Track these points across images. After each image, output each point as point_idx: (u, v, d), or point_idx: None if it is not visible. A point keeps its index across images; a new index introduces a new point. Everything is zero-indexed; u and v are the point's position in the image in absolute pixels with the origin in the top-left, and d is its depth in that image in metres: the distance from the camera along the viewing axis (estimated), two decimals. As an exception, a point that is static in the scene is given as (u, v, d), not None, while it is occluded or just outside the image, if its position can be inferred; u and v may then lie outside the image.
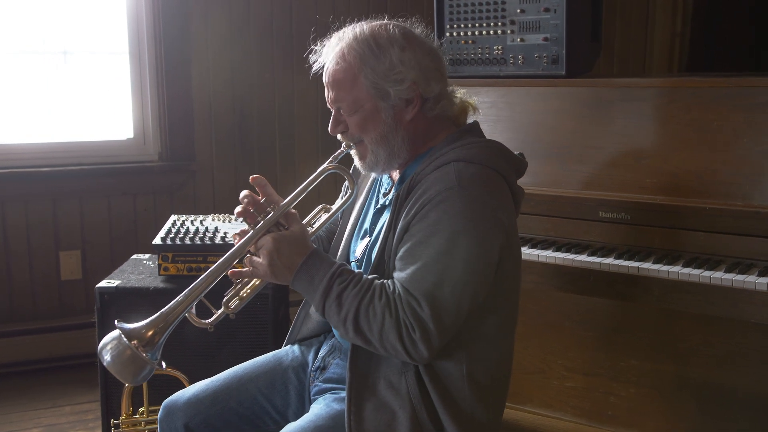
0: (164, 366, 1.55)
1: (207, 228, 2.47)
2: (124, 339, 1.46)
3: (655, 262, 1.95)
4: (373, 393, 1.56)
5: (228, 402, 1.74)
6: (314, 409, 1.65)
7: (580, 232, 2.14)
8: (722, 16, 4.40)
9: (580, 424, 2.33)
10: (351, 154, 1.66)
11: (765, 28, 4.41)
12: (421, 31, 1.64)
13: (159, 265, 2.38)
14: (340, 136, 1.65)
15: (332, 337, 1.80)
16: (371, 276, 1.53)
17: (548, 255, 2.09)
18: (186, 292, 1.53)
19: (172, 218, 2.61)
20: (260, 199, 1.58)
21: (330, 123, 1.64)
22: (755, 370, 2.04)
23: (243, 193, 1.56)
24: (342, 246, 1.77)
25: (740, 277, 1.82)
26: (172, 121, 3.52)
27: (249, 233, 1.55)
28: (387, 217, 1.62)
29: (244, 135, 3.68)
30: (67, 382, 3.25)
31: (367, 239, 1.70)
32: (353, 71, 1.56)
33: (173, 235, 2.41)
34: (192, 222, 2.56)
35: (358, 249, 1.71)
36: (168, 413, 1.75)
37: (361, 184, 1.82)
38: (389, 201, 1.66)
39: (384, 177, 1.75)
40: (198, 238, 2.38)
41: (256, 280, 1.64)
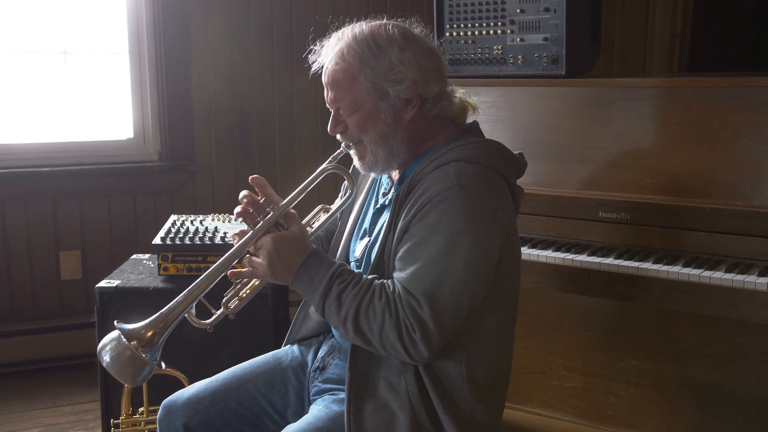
0: (164, 366, 1.55)
1: (207, 228, 2.47)
2: (124, 340, 1.46)
3: (655, 262, 1.95)
4: (372, 394, 1.56)
5: (227, 402, 1.74)
6: (313, 411, 1.65)
7: (580, 232, 2.14)
8: (722, 16, 4.39)
9: (580, 425, 2.32)
10: (350, 154, 1.66)
11: (765, 27, 4.40)
12: (420, 31, 1.63)
13: (159, 265, 2.38)
14: (339, 136, 1.65)
15: (332, 337, 1.80)
16: (371, 276, 1.53)
17: (548, 255, 2.09)
18: (185, 293, 1.53)
19: (171, 218, 2.61)
20: (260, 199, 1.58)
21: (329, 123, 1.64)
22: (755, 370, 2.04)
23: (242, 194, 1.56)
24: (341, 246, 1.77)
25: (740, 277, 1.82)
26: (172, 121, 3.52)
27: (248, 233, 1.55)
28: (386, 217, 1.62)
29: (244, 135, 3.68)
30: (67, 382, 3.25)
31: (366, 239, 1.70)
32: (353, 71, 1.56)
33: (173, 235, 2.41)
34: (192, 222, 2.56)
35: (358, 249, 1.71)
36: (167, 413, 1.75)
37: (360, 184, 1.82)
38: (389, 201, 1.66)
39: (383, 177, 1.75)
40: (198, 238, 2.38)
41: (255, 281, 1.64)
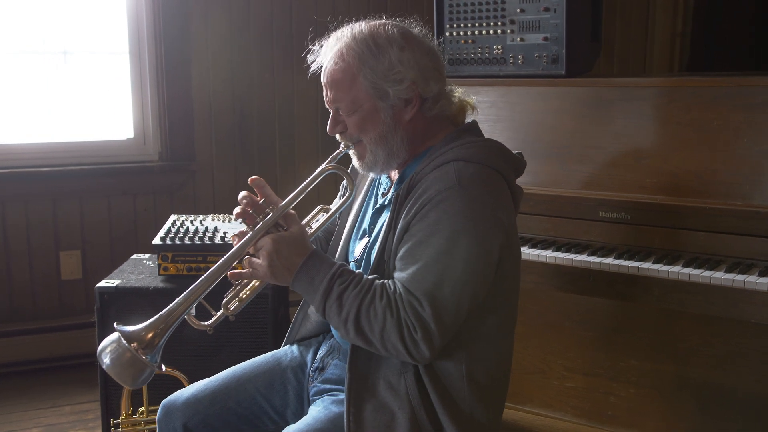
0: (164, 368, 1.54)
1: (207, 228, 2.47)
2: (124, 342, 1.45)
3: (655, 262, 1.95)
4: (372, 394, 1.55)
5: (227, 402, 1.74)
6: (312, 412, 1.65)
7: (580, 232, 2.14)
8: (722, 16, 4.39)
9: (580, 425, 2.32)
10: (350, 154, 1.66)
11: (765, 27, 4.40)
12: (419, 31, 1.63)
13: (159, 265, 2.38)
14: (338, 137, 1.65)
15: (331, 337, 1.79)
16: (371, 276, 1.52)
17: (548, 255, 2.09)
18: (185, 294, 1.52)
19: (171, 218, 2.61)
20: (259, 200, 1.57)
21: (328, 123, 1.63)
22: (755, 370, 2.04)
23: (241, 194, 1.56)
24: (340, 246, 1.77)
25: (740, 277, 1.82)
26: (172, 121, 3.52)
27: (248, 234, 1.55)
28: (386, 217, 1.61)
29: (244, 135, 3.68)
30: (67, 381, 3.25)
31: (366, 239, 1.70)
32: (352, 71, 1.55)
33: (173, 235, 2.41)
34: (192, 222, 2.56)
35: (357, 249, 1.71)
36: (167, 413, 1.75)
37: (359, 184, 1.82)
38: (388, 201, 1.65)
39: (382, 177, 1.75)
40: (198, 238, 2.38)
41: (255, 282, 1.63)
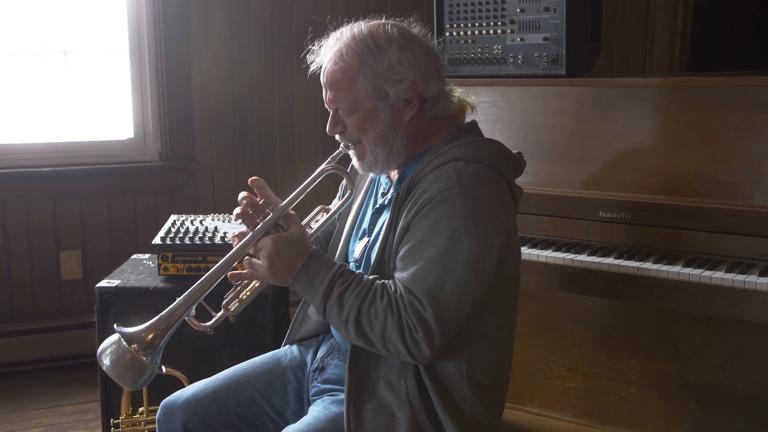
0: (164, 370, 1.53)
1: (207, 228, 2.47)
2: (124, 343, 1.45)
3: (655, 262, 1.95)
4: (372, 394, 1.55)
5: (226, 402, 1.74)
6: (312, 412, 1.65)
7: (580, 231, 2.14)
8: (722, 16, 4.39)
9: (580, 425, 2.32)
10: (349, 154, 1.65)
11: (765, 27, 4.39)
12: (419, 31, 1.63)
13: (159, 265, 2.38)
14: (338, 137, 1.65)
15: (331, 337, 1.79)
16: (372, 276, 1.52)
17: (548, 255, 2.09)
18: (185, 295, 1.51)
19: (172, 218, 2.61)
20: (259, 200, 1.57)
21: (328, 123, 1.63)
22: (755, 370, 2.04)
23: (241, 195, 1.55)
24: (340, 246, 1.77)
25: (741, 277, 1.82)
26: (173, 121, 3.52)
27: (248, 235, 1.54)
28: (386, 217, 1.61)
29: (244, 135, 3.68)
30: (68, 381, 3.25)
31: (365, 239, 1.69)
32: (352, 71, 1.55)
33: (173, 235, 2.41)
34: (192, 222, 2.56)
35: (357, 249, 1.71)
36: (166, 413, 1.75)
37: (358, 184, 1.81)
38: (388, 201, 1.65)
39: (382, 177, 1.75)
40: (198, 238, 2.38)
41: (255, 282, 1.63)
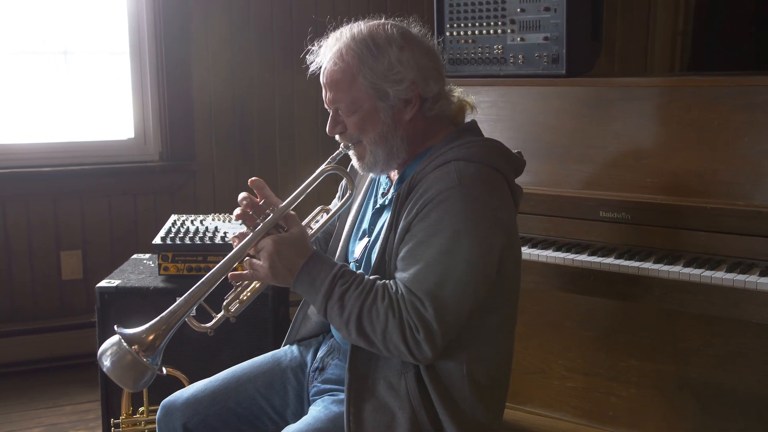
0: (164, 371, 1.53)
1: (207, 228, 2.47)
2: (124, 344, 1.44)
3: (655, 262, 1.95)
4: (372, 394, 1.55)
5: (226, 402, 1.74)
6: (312, 412, 1.65)
7: (581, 231, 2.13)
8: (723, 15, 4.38)
9: (580, 425, 2.32)
10: (349, 154, 1.65)
11: (765, 27, 4.39)
12: (418, 31, 1.63)
13: (159, 265, 2.38)
14: (338, 137, 1.65)
15: (331, 337, 1.79)
16: (373, 277, 1.52)
17: (548, 255, 2.08)
18: (186, 296, 1.51)
19: (172, 218, 2.61)
20: (258, 201, 1.57)
21: (328, 123, 1.63)
22: (756, 370, 2.03)
23: (241, 196, 1.55)
24: (340, 247, 1.77)
25: (741, 277, 1.81)
26: (173, 121, 3.52)
27: (248, 236, 1.54)
28: (387, 218, 1.61)
29: (244, 135, 3.68)
30: (68, 381, 3.25)
31: (366, 239, 1.69)
32: (351, 71, 1.55)
33: (173, 234, 2.41)
34: (192, 222, 2.56)
35: (357, 249, 1.71)
36: (166, 413, 1.75)
37: (358, 184, 1.81)
38: (388, 201, 1.65)
39: (382, 177, 1.74)
40: (198, 238, 2.38)
41: (256, 283, 1.63)
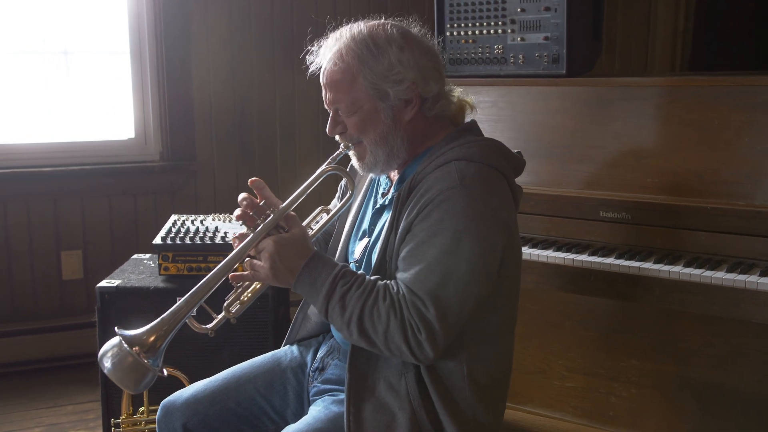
0: (165, 373, 1.52)
1: (207, 228, 2.47)
2: (125, 346, 1.44)
3: (656, 262, 1.95)
4: (372, 394, 1.55)
5: (226, 402, 1.74)
6: (312, 412, 1.65)
7: (581, 231, 2.13)
8: (723, 13, 4.38)
9: (580, 425, 2.32)
10: (350, 155, 1.65)
11: (765, 26, 4.39)
12: (418, 31, 1.63)
13: (159, 265, 2.38)
14: (338, 137, 1.65)
15: (331, 337, 1.79)
16: (374, 277, 1.52)
17: (549, 255, 2.08)
18: (187, 297, 1.51)
19: (172, 218, 2.61)
20: (259, 201, 1.56)
21: (328, 124, 1.63)
22: (756, 370, 2.03)
23: (241, 196, 1.55)
24: (340, 247, 1.76)
25: (742, 277, 1.81)
26: (173, 121, 3.52)
27: (249, 236, 1.53)
28: (387, 218, 1.61)
29: (244, 135, 3.68)
30: (68, 381, 3.26)
31: (366, 240, 1.69)
32: (352, 72, 1.55)
33: (173, 234, 2.41)
34: (192, 222, 2.56)
35: (357, 250, 1.71)
36: (166, 413, 1.75)
37: (357, 184, 1.81)
38: (388, 201, 1.65)
39: (381, 177, 1.74)
40: (198, 238, 2.38)
41: (256, 284, 1.62)
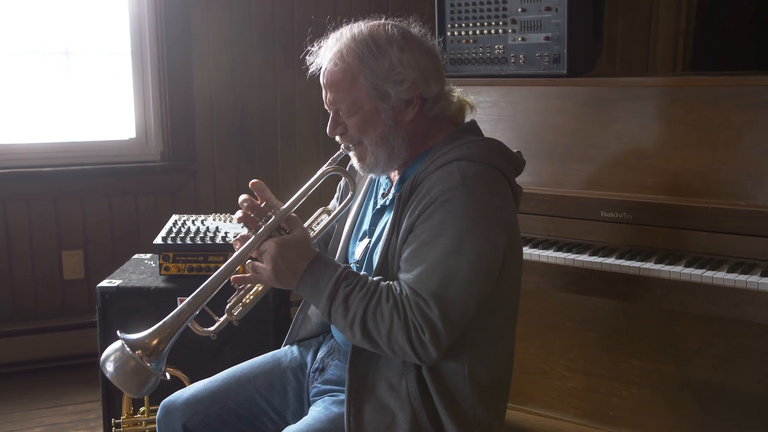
0: (168, 377, 1.51)
1: (208, 228, 2.47)
2: (128, 349, 1.42)
3: (656, 262, 1.95)
4: (372, 394, 1.55)
5: (226, 402, 1.74)
6: (312, 413, 1.65)
7: (582, 232, 2.13)
8: (724, 14, 4.37)
9: (581, 425, 2.32)
10: (350, 155, 1.65)
11: (765, 27, 4.38)
12: (418, 31, 1.62)
13: (160, 265, 2.38)
14: (339, 138, 1.64)
15: (331, 338, 1.79)
16: (376, 278, 1.52)
17: (550, 255, 2.08)
18: (189, 300, 1.50)
19: (173, 218, 2.61)
20: (259, 203, 1.56)
21: (328, 125, 1.63)
22: (757, 370, 2.03)
23: (241, 198, 1.54)
24: (340, 248, 1.76)
25: (742, 278, 1.81)
26: (174, 121, 3.52)
27: (251, 238, 1.53)
28: (388, 218, 1.61)
29: (245, 135, 3.68)
30: (69, 381, 3.26)
31: (366, 240, 1.69)
32: (352, 72, 1.55)
33: (174, 234, 2.41)
34: (193, 222, 2.56)
35: (358, 250, 1.70)
36: (166, 413, 1.75)
37: (357, 185, 1.81)
38: (389, 202, 1.65)
39: (382, 177, 1.74)
40: (199, 238, 2.38)
41: (258, 286, 1.62)
